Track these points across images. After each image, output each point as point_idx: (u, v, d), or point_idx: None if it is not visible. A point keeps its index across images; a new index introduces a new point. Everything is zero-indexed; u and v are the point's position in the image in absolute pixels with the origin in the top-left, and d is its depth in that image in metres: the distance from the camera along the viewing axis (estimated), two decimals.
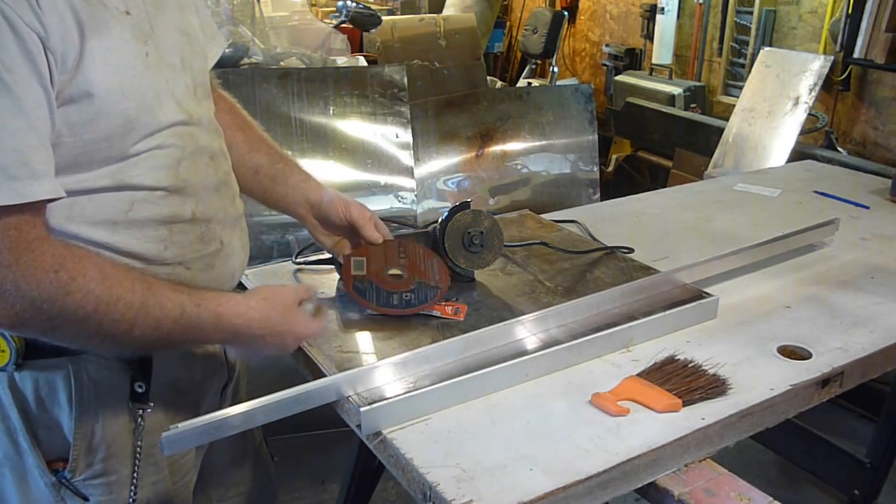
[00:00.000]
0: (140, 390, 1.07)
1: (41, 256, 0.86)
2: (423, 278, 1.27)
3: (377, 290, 1.25)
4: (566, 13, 5.48)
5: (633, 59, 5.22)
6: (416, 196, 2.83)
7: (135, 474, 1.09)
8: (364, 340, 1.21)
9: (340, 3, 3.91)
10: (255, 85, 2.62)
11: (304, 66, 3.02)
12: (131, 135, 0.97)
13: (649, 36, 5.03)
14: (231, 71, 2.68)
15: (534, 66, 5.68)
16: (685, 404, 1.05)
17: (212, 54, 1.20)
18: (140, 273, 0.97)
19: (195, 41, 1.11)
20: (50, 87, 0.87)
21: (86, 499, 1.07)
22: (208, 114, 1.13)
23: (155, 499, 1.14)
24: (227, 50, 2.63)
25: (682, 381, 1.09)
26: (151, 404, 1.08)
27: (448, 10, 5.28)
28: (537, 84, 5.02)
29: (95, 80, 0.91)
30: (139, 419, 1.07)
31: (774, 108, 3.51)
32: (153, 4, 1.03)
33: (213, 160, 1.11)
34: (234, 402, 1.22)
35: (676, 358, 1.15)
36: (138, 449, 1.08)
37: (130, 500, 1.09)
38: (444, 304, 1.27)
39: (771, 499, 0.94)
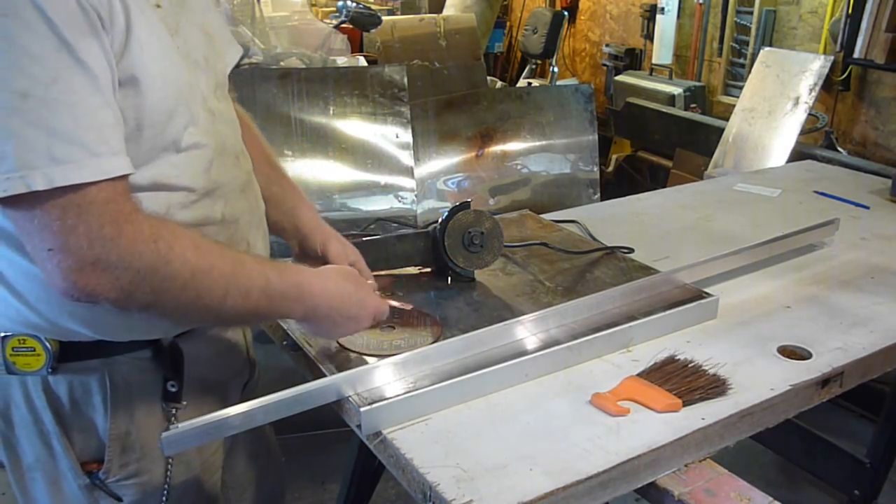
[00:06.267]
0: (173, 389, 1.07)
1: (140, 227, 0.86)
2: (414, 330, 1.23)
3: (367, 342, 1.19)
4: (566, 13, 5.47)
5: (633, 59, 5.21)
6: (416, 196, 2.83)
7: (167, 473, 1.09)
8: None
9: (340, 3, 3.90)
10: (255, 85, 2.62)
11: (304, 66, 3.02)
12: (170, 126, 0.96)
13: (649, 36, 5.03)
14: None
15: (534, 66, 5.67)
16: (685, 404, 1.05)
17: (229, 59, 1.22)
18: (226, 245, 1.00)
19: (215, 42, 1.12)
20: (114, 65, 0.87)
21: (119, 499, 1.07)
22: (229, 113, 1.13)
23: (186, 497, 1.14)
24: None
25: (682, 381, 1.09)
26: (184, 402, 1.08)
27: (448, 10, 5.27)
28: (537, 84, 5.02)
29: (140, 66, 0.91)
30: (172, 418, 1.08)
31: (774, 108, 3.51)
32: (178, 3, 1.03)
33: (238, 160, 1.11)
34: None
35: (676, 358, 1.16)
36: None
37: (163, 499, 1.09)
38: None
39: (771, 499, 0.94)
